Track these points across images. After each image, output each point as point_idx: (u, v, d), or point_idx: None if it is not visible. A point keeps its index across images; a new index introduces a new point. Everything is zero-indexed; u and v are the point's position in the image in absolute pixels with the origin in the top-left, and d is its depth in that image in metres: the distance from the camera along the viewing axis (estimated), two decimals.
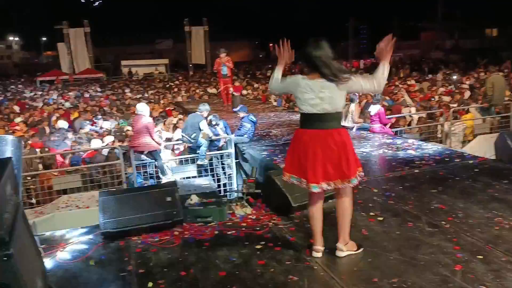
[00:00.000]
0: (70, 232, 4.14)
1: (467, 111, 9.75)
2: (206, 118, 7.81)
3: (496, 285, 2.71)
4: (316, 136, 3.00)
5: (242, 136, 8.04)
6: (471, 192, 4.46)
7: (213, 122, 8.47)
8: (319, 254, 3.20)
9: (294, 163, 3.13)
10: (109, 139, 8.73)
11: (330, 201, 4.17)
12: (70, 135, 9.67)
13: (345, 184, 3.01)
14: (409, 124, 9.61)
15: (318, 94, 2.96)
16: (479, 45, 36.38)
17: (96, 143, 8.56)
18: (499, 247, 3.19)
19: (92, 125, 10.74)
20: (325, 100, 2.95)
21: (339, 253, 3.18)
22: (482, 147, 7.24)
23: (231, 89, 12.81)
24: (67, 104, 16.33)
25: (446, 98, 11.65)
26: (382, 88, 3.05)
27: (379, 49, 2.97)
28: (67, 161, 7.75)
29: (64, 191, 6.71)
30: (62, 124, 11.64)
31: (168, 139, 8.83)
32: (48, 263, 3.44)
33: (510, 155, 5.38)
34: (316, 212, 3.19)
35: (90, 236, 3.94)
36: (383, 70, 2.98)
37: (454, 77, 17.36)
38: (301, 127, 3.11)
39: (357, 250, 3.24)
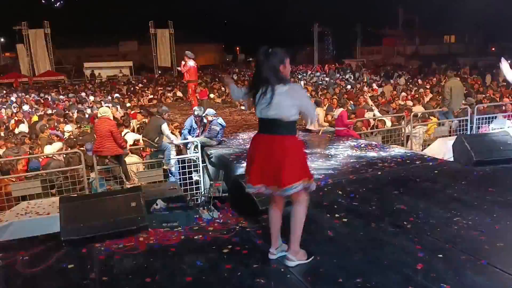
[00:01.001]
0: (29, 240, 3.99)
1: (429, 116, 10.09)
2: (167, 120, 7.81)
3: (456, 282, 2.80)
4: (263, 141, 3.05)
5: (211, 138, 8.00)
6: (431, 193, 4.62)
7: (196, 112, 8.43)
8: (273, 257, 3.23)
9: (247, 166, 3.19)
10: (57, 145, 8.40)
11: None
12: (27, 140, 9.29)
13: (280, 192, 2.98)
14: (372, 128, 9.85)
15: (268, 100, 2.96)
16: (438, 51, 37.79)
17: (48, 149, 8.26)
18: (459, 246, 3.31)
19: (52, 129, 10.38)
20: (272, 107, 2.96)
21: (289, 263, 3.13)
22: (441, 150, 7.49)
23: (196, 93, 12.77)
24: (26, 107, 15.72)
25: (409, 103, 12.02)
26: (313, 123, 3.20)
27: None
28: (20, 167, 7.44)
29: (23, 198, 6.45)
30: (22, 128, 11.23)
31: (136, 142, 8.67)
32: (7, 272, 3.30)
33: (467, 157, 5.60)
34: (273, 215, 3.22)
35: (51, 244, 3.80)
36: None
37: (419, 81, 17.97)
38: (257, 132, 3.16)
39: (307, 259, 3.18)
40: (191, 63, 11.99)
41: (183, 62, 12.23)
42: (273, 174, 2.96)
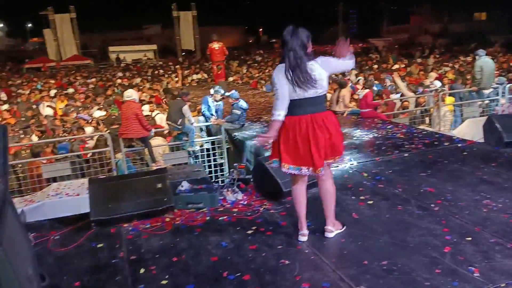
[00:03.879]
0: (60, 220, 4.10)
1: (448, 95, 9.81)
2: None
3: (484, 266, 2.75)
4: (307, 122, 3.00)
5: (232, 122, 8.02)
6: (460, 175, 4.51)
7: (212, 91, 8.48)
8: (305, 238, 3.25)
9: (290, 152, 3.06)
10: (89, 130, 8.61)
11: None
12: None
13: (332, 163, 3.13)
14: (398, 109, 9.65)
15: (305, 79, 2.93)
16: (468, 28, 36.46)
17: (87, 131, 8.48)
18: (488, 229, 3.24)
19: (78, 113, 10.59)
20: (311, 85, 2.95)
21: (329, 234, 3.25)
22: (471, 131, 7.30)
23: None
24: (52, 92, 16.04)
25: (438, 83, 11.67)
26: (349, 66, 3.15)
27: (337, 52, 3.03)
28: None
29: (54, 179, 6.65)
30: (48, 111, 11.51)
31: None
32: (39, 251, 3.42)
33: (497, 138, 5.43)
34: (300, 196, 3.22)
35: (81, 224, 3.91)
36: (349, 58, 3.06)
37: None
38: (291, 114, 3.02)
39: (342, 228, 3.35)
40: (214, 45, 12.33)
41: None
42: (331, 149, 3.04)
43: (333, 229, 3.26)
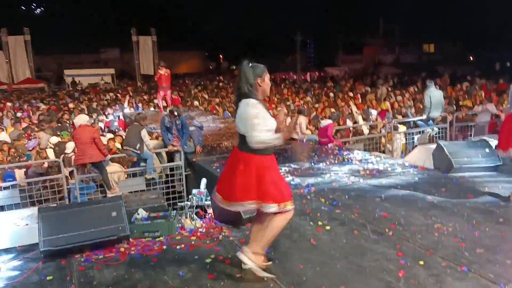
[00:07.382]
0: (7, 251, 3.92)
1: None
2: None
3: None
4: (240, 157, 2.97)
5: (188, 142, 7.88)
6: (412, 200, 4.68)
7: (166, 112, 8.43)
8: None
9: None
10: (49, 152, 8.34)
11: None
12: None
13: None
14: (353, 135, 9.94)
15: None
16: (417, 60, 38.46)
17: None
18: (439, 253, 3.36)
19: (28, 138, 10.16)
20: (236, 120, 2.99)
21: (242, 257, 3.08)
22: (422, 157, 7.59)
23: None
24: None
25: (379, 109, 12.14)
26: (253, 142, 2.85)
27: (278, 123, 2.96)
28: None
29: (1, 208, 6.29)
30: (3, 136, 10.99)
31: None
32: None
33: (447, 164, 5.69)
34: (254, 223, 3.20)
35: (29, 255, 3.73)
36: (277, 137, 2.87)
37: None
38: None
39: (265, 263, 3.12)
40: (161, 71, 12.88)
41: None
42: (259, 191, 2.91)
43: (249, 257, 3.06)
